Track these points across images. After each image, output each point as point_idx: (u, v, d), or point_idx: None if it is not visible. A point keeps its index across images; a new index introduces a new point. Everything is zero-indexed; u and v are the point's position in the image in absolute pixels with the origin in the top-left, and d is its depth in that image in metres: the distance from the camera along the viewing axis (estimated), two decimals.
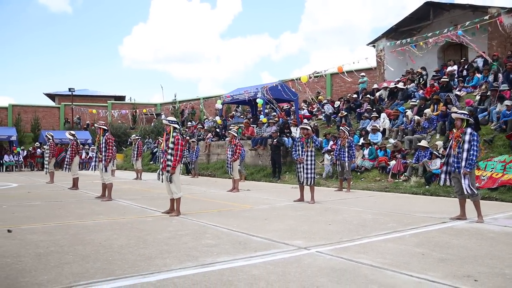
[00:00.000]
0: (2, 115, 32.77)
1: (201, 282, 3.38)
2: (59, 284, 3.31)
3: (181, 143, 6.99)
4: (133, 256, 4.21)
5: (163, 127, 7.33)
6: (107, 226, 5.92)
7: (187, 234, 5.34)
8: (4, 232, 5.35)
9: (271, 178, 15.29)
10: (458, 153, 6.38)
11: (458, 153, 6.38)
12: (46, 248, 4.53)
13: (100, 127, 9.31)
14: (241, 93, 18.64)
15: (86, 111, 33.88)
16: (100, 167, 9.23)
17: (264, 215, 7.02)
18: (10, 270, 3.67)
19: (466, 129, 6.42)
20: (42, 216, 6.87)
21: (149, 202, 8.91)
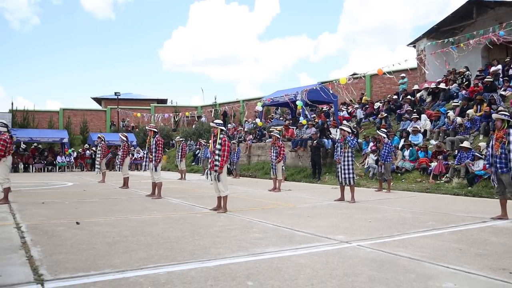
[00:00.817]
0: (54, 118, 34.59)
1: (253, 268, 3.78)
2: (130, 266, 3.81)
3: (227, 144, 7.45)
4: (190, 246, 4.67)
5: (211, 129, 7.78)
6: (161, 221, 6.44)
7: (236, 229, 5.77)
8: (73, 224, 5.96)
9: (311, 179, 15.58)
10: (502, 153, 6.50)
11: (502, 153, 6.50)
12: (112, 238, 5.07)
13: (150, 129, 9.93)
14: (281, 95, 19.00)
15: (131, 114, 35.33)
16: (150, 167, 9.85)
17: (307, 213, 7.36)
18: (88, 255, 4.21)
19: (508, 130, 6.53)
20: (102, 211, 7.50)
21: (196, 200, 9.43)
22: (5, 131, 8.73)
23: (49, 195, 10.31)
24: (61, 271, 3.63)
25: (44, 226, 5.82)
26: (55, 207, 8.00)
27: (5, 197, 8.57)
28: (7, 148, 8.61)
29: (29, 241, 4.83)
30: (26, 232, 5.38)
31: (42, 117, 34.45)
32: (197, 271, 3.67)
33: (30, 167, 25.13)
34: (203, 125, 31.52)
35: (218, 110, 34.70)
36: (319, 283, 3.34)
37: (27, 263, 3.89)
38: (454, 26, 20.59)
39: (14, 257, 4.12)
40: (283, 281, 3.41)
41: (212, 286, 3.26)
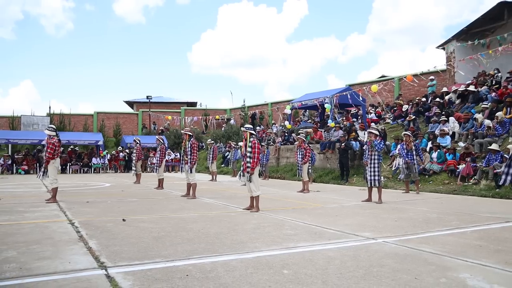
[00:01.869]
0: (89, 121, 35.92)
1: (287, 259, 4.21)
2: (178, 257, 4.30)
3: (258, 146, 7.91)
4: (228, 240, 5.14)
5: (242, 133, 8.26)
6: (199, 219, 6.95)
7: (269, 226, 6.22)
8: (120, 221, 6.54)
9: (339, 180, 15.88)
10: None
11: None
12: (157, 233, 5.60)
13: (186, 133, 10.50)
14: (310, 99, 19.35)
15: (162, 117, 36.31)
16: (186, 169, 10.41)
17: (335, 213, 7.74)
18: (139, 247, 4.74)
19: None
20: (143, 209, 8.08)
21: (228, 200, 9.93)
22: (54, 135, 9.43)
23: (91, 195, 11.01)
24: (119, 260, 4.15)
25: (94, 223, 6.41)
26: (99, 206, 8.64)
27: (54, 196, 9.27)
28: (55, 151, 9.31)
29: (84, 235, 5.40)
30: (80, 227, 5.97)
31: (77, 120, 35.82)
32: (237, 261, 4.13)
33: (67, 168, 26.30)
34: (232, 127, 32.11)
35: (246, 113, 35.31)
36: (347, 272, 3.74)
37: (88, 253, 4.44)
38: (484, 28, 20.47)
39: (75, 248, 4.69)
40: (315, 270, 3.82)
41: (252, 274, 3.70)
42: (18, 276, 3.60)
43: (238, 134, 30.65)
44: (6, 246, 4.71)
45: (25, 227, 6.03)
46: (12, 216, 7.05)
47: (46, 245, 4.81)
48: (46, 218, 6.93)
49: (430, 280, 3.51)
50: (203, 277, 3.58)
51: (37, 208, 8.22)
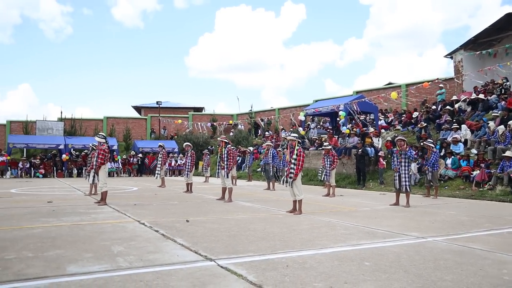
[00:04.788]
0: (99, 126, 36.51)
1: (361, 254, 4.88)
2: (265, 251, 4.96)
3: (303, 155, 8.61)
4: (296, 238, 5.81)
5: (289, 142, 8.94)
6: (253, 220, 7.61)
7: (322, 227, 6.89)
8: (184, 222, 7.19)
9: (355, 185, 16.59)
10: None
11: None
12: (228, 232, 6.26)
13: (222, 140, 11.19)
14: (324, 106, 20.07)
15: (171, 122, 36.97)
16: (222, 174, 11.08)
17: (372, 215, 8.43)
18: (224, 244, 5.40)
19: None
20: (193, 212, 8.73)
21: (264, 203, 10.60)
22: (104, 141, 10.07)
23: (130, 198, 11.64)
24: (217, 254, 4.81)
25: (162, 223, 7.06)
26: (150, 208, 9.28)
27: (104, 199, 9.91)
28: (106, 157, 9.95)
29: (165, 234, 6.05)
30: (154, 227, 6.62)
31: (88, 125, 36.42)
32: (319, 256, 4.80)
33: (83, 173, 26.87)
34: (241, 132, 32.78)
35: (253, 118, 35.99)
36: (419, 264, 4.42)
37: (185, 248, 5.09)
38: (491, 38, 21.29)
39: (169, 244, 5.34)
40: (390, 262, 4.50)
41: (340, 265, 4.38)
42: (146, 265, 4.26)
43: (247, 139, 31.38)
44: (109, 242, 5.37)
45: (105, 226, 6.68)
46: (82, 217, 7.70)
47: (142, 241, 5.47)
48: (114, 219, 7.58)
49: (494, 271, 4.19)
50: (301, 267, 4.25)
51: (94, 210, 8.86)
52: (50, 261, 4.39)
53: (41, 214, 8.16)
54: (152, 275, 3.92)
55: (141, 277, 3.84)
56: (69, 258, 4.54)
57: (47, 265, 4.24)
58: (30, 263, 4.30)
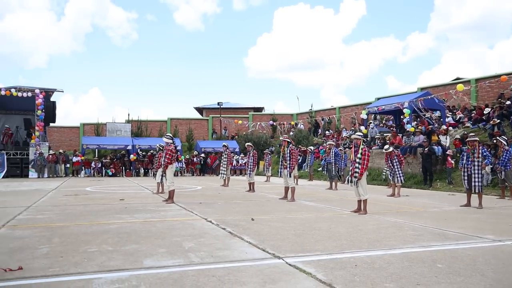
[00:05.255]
0: (163, 127, 37.93)
1: (433, 256, 4.73)
2: (332, 251, 4.95)
3: (367, 154, 8.47)
4: (363, 238, 5.74)
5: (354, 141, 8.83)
6: (317, 219, 7.60)
7: (389, 227, 6.74)
8: (249, 220, 7.33)
9: (422, 185, 16.00)
10: None
11: None
12: (294, 231, 6.31)
13: (284, 140, 11.25)
14: (388, 103, 19.53)
15: (231, 122, 37.62)
16: (284, 173, 11.14)
17: (441, 216, 8.11)
18: (290, 242, 5.45)
19: None
20: (257, 211, 8.86)
21: (326, 202, 10.53)
22: (171, 142, 10.48)
23: (196, 197, 12.01)
24: (284, 252, 4.86)
25: (228, 221, 7.24)
26: (215, 207, 9.53)
27: (171, 197, 10.31)
28: (173, 157, 10.35)
29: (232, 232, 6.21)
30: (221, 225, 6.80)
31: (153, 126, 37.97)
32: (388, 256, 4.71)
33: (149, 172, 28.07)
34: (301, 132, 32.69)
35: (313, 118, 35.75)
36: (498, 268, 4.21)
37: (252, 246, 5.20)
38: None
39: (237, 242, 5.48)
40: (465, 265, 4.33)
41: (410, 266, 4.27)
42: (216, 261, 4.40)
43: (308, 138, 31.23)
44: (180, 238, 5.60)
45: (174, 223, 6.97)
46: (153, 214, 8.08)
47: (210, 238, 5.65)
48: (182, 216, 7.89)
49: None
50: (370, 267, 4.20)
51: (163, 208, 9.25)
52: (128, 255, 4.66)
53: (115, 211, 8.65)
54: (223, 270, 4.05)
55: (213, 272, 3.98)
56: (145, 252, 4.80)
57: (126, 258, 4.51)
58: (111, 256, 4.59)
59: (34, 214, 8.19)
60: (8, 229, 6.41)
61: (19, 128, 27.32)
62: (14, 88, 24.25)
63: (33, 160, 24.52)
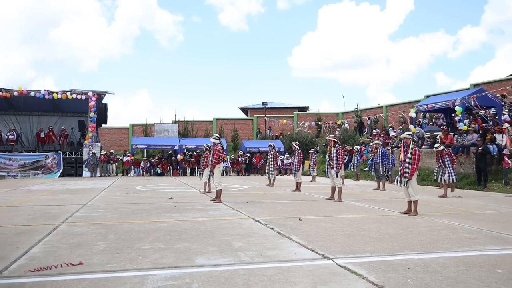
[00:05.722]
0: (209, 127, 38.54)
1: (491, 260, 4.53)
2: (383, 252, 4.86)
3: (418, 153, 8.23)
4: (415, 241, 5.58)
5: (403, 140, 8.61)
6: (366, 220, 7.47)
7: (442, 229, 6.52)
8: (297, 220, 7.32)
9: (475, 186, 15.36)
10: None
11: None
12: (342, 231, 6.24)
13: (331, 139, 11.13)
14: (438, 101, 18.89)
15: (276, 122, 37.66)
16: (331, 173, 11.02)
17: (498, 219, 7.75)
18: (339, 243, 5.40)
19: None
20: (304, 210, 8.82)
21: (374, 203, 10.32)
22: (218, 142, 10.64)
23: (242, 197, 12.12)
24: (334, 253, 4.82)
25: (276, 221, 7.26)
26: (261, 206, 9.58)
27: (218, 197, 10.47)
28: (220, 157, 10.51)
29: (280, 232, 6.22)
30: (268, 225, 6.83)
31: (199, 126, 38.67)
32: (442, 259, 4.56)
33: (195, 172, 28.61)
34: (347, 131, 32.23)
35: (359, 117, 35.14)
36: None
37: (301, 246, 5.19)
38: None
39: (285, 242, 5.49)
40: None
41: (466, 270, 4.12)
42: (266, 261, 4.44)
43: (354, 138, 30.73)
44: (229, 238, 5.69)
45: (222, 223, 7.07)
46: (201, 213, 8.24)
47: (259, 238, 5.70)
48: (230, 216, 7.99)
49: None
50: (424, 271, 4.09)
51: (211, 207, 9.41)
52: (180, 253, 4.78)
53: (164, 209, 8.89)
54: (273, 270, 4.08)
55: (263, 272, 4.01)
56: (196, 250, 4.91)
57: (178, 256, 4.63)
58: (163, 254, 4.73)
59: (89, 211, 8.57)
60: (67, 225, 6.74)
61: (73, 129, 28.67)
62: (69, 92, 25.44)
63: (87, 160, 25.63)
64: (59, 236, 5.83)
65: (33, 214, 8.06)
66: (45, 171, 25.27)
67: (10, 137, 26.29)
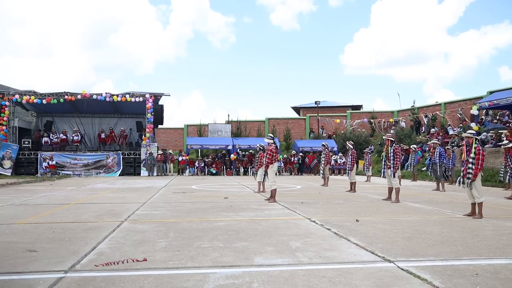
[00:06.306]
0: (261, 127, 38.74)
1: None
2: (447, 257, 4.67)
3: (482, 153, 7.84)
4: (482, 245, 5.32)
5: (464, 139, 8.24)
6: (427, 222, 7.21)
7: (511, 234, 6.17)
8: (354, 221, 7.19)
9: None
10: None
11: None
12: (402, 234, 6.06)
13: (388, 139, 10.83)
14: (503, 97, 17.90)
15: (329, 121, 37.23)
16: (388, 173, 10.74)
17: None
18: (400, 245, 5.25)
19: None
20: (360, 211, 8.65)
21: (434, 205, 9.94)
22: (272, 142, 10.68)
23: (296, 196, 12.09)
24: (394, 256, 4.69)
25: (332, 221, 7.18)
26: (316, 206, 9.51)
27: (273, 196, 10.50)
28: (273, 156, 10.54)
29: (337, 232, 6.14)
30: (325, 225, 6.77)
31: (251, 126, 38.97)
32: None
33: (249, 171, 28.89)
34: (403, 130, 31.27)
35: (416, 114, 33.97)
36: None
37: (360, 248, 5.10)
38: None
39: (344, 243, 5.41)
40: None
41: None
42: (325, 262, 4.40)
43: (410, 136, 29.73)
44: (286, 238, 5.69)
45: (278, 223, 7.09)
46: (257, 213, 8.31)
47: (316, 239, 5.66)
48: (285, 216, 8.00)
49: None
50: (494, 277, 3.88)
51: (266, 206, 9.46)
52: (239, 252, 4.85)
53: (221, 208, 9.05)
54: (333, 272, 4.04)
55: (323, 273, 3.98)
56: (254, 250, 4.96)
57: (237, 255, 4.70)
58: (222, 252, 4.81)
59: (149, 210, 8.89)
60: (130, 223, 7.03)
61: (132, 130, 29.84)
62: (128, 94, 26.50)
63: (144, 160, 26.58)
64: (123, 233, 6.09)
65: (98, 212, 8.48)
66: (106, 170, 26.49)
67: (75, 138, 27.81)
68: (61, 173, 25.58)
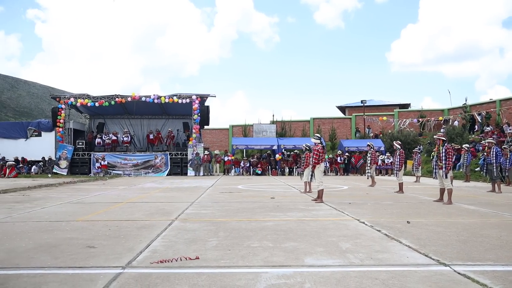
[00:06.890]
0: (306, 127, 38.57)
1: None
2: (505, 261, 4.46)
3: None
4: None
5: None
6: (483, 225, 6.92)
7: None
8: (405, 223, 7.02)
9: None
10: None
11: None
12: (456, 236, 5.85)
13: (439, 138, 10.48)
14: None
15: (375, 120, 36.49)
16: (440, 174, 10.39)
17: None
18: (456, 248, 5.07)
19: None
20: (411, 213, 8.43)
21: (491, 207, 9.52)
22: (319, 142, 10.61)
23: (344, 197, 11.94)
24: (449, 259, 4.53)
25: (382, 223, 7.04)
26: (365, 207, 9.35)
27: (320, 197, 10.42)
28: (320, 157, 10.46)
29: (388, 234, 6.02)
30: (375, 226, 6.65)
31: (296, 126, 38.89)
32: None
33: (294, 171, 28.84)
34: (454, 129, 30.12)
35: (468, 112, 32.66)
36: None
37: (413, 250, 4.97)
38: None
39: (395, 245, 5.29)
40: None
41: None
42: (377, 264, 4.33)
43: (462, 136, 28.58)
44: (336, 238, 5.65)
45: (327, 223, 7.04)
46: (304, 213, 8.29)
47: (366, 240, 5.58)
48: (334, 216, 7.93)
49: None
50: None
51: (313, 207, 9.41)
52: (288, 252, 4.86)
53: (268, 208, 9.09)
54: (386, 274, 3.97)
55: (375, 275, 3.92)
56: (304, 250, 4.95)
57: (287, 255, 4.71)
58: (273, 252, 4.84)
59: (198, 209, 9.07)
60: (180, 222, 7.21)
61: (179, 131, 30.55)
62: (175, 96, 27.17)
63: (191, 160, 27.14)
64: (175, 231, 6.26)
65: (149, 210, 8.76)
66: (154, 170, 27.29)
67: (125, 139, 28.86)
68: (112, 173, 26.63)
